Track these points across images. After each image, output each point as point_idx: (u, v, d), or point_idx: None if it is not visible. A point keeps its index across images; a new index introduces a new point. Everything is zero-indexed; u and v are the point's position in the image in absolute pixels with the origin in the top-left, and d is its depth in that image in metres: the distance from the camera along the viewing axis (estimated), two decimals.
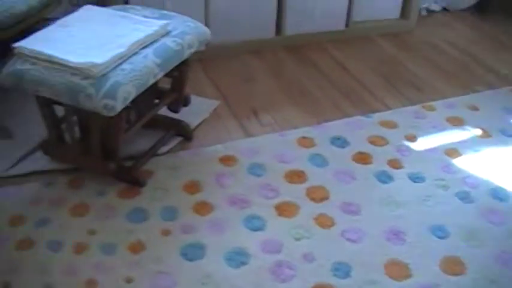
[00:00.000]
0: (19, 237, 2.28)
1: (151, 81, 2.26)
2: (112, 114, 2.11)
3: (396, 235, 2.27)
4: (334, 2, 3.64)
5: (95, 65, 2.11)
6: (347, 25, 3.76)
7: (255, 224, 2.30)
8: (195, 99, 2.95)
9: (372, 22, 3.89)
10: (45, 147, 2.60)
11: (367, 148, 2.76)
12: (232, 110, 3.01)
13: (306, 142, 2.77)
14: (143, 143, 2.68)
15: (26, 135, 2.79)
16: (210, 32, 2.58)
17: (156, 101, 2.62)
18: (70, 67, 2.16)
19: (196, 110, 2.93)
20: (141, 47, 2.30)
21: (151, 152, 2.64)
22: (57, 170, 2.61)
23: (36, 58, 2.24)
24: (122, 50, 2.22)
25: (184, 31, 2.46)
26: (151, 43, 2.35)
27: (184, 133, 2.79)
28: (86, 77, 2.13)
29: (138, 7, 2.65)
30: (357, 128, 2.89)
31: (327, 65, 3.50)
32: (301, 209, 2.38)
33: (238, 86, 3.24)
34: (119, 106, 2.11)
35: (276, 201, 2.42)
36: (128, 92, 2.13)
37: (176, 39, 2.40)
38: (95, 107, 2.11)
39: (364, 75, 3.40)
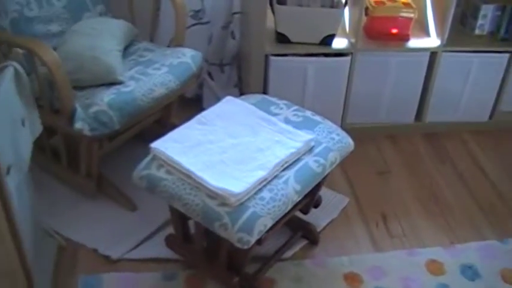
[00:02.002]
0: None
1: (289, 208, 2.17)
2: (246, 247, 2.03)
3: None
4: (483, 91, 3.41)
5: (233, 195, 2.04)
6: (491, 117, 3.52)
7: None
8: (325, 192, 2.82)
9: None
10: (169, 241, 2.55)
11: (498, 285, 2.54)
12: (362, 212, 2.89)
13: (435, 267, 2.58)
14: (269, 244, 2.58)
15: (151, 211, 2.75)
16: (353, 144, 2.46)
17: None
18: (206, 188, 2.09)
19: (325, 207, 2.82)
20: (282, 168, 2.21)
21: (276, 257, 2.55)
22: (178, 260, 2.56)
23: (172, 167, 2.19)
24: (263, 173, 2.14)
25: (328, 147, 2.35)
26: (293, 162, 2.26)
27: (311, 237, 2.69)
28: (223, 203, 2.06)
29: (281, 103, 2.56)
30: (491, 257, 2.66)
31: (464, 164, 3.28)
32: None
33: (371, 180, 3.12)
34: (254, 240, 2.03)
35: None
36: (264, 225, 2.05)
37: (319, 158, 2.29)
38: (229, 238, 2.04)
39: (503, 182, 3.15)
